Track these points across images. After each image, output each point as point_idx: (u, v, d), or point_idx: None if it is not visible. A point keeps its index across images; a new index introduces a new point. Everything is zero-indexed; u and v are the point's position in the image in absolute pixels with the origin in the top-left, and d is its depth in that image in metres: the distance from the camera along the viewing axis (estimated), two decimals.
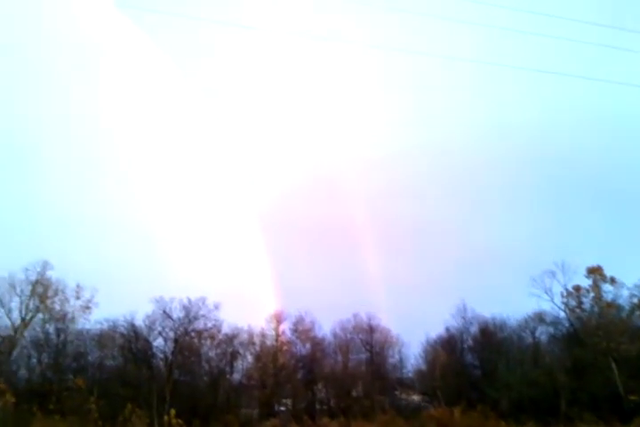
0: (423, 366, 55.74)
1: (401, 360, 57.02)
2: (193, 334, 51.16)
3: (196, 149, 76.25)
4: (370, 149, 76.32)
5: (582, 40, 28.47)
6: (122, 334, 50.36)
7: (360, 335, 56.35)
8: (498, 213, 76.25)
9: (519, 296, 57.50)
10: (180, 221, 71.62)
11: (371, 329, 56.01)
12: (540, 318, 54.54)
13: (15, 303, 48.03)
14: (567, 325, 54.05)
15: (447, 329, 54.42)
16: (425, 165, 79.75)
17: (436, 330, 55.04)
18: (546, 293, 52.06)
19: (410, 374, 58.41)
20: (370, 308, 56.65)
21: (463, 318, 54.35)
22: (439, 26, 54.46)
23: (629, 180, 72.82)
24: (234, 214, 69.21)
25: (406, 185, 79.45)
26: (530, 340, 55.73)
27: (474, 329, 54.88)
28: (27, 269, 48.35)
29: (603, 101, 70.89)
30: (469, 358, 55.45)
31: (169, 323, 50.16)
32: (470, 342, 55.16)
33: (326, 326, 56.45)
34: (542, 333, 55.91)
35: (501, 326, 55.25)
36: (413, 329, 56.25)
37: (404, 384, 57.03)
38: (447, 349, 53.70)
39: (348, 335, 56.25)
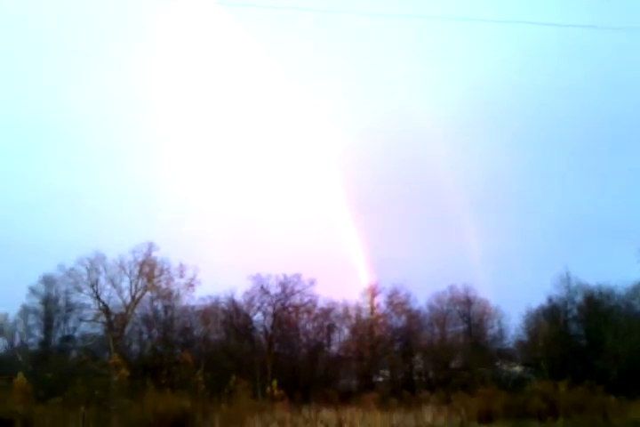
0: (524, 337, 54.08)
1: (500, 331, 55.66)
2: (290, 308, 52.53)
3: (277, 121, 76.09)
4: (461, 99, 72.92)
5: None
6: (223, 310, 52.65)
7: (457, 307, 55.49)
8: (603, 176, 71.86)
9: (628, 264, 54.21)
10: (270, 200, 72.73)
11: (468, 301, 54.93)
12: None
13: (125, 283, 50.80)
14: None
15: (549, 299, 52.19)
16: (524, 119, 75.75)
17: (538, 300, 52.90)
18: None
19: (510, 346, 57.00)
20: (466, 279, 55.66)
21: (567, 287, 51.91)
22: None
23: None
24: (322, 186, 69.13)
25: (504, 144, 76.29)
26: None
27: (578, 299, 52.36)
28: (134, 251, 50.79)
29: None
30: (574, 328, 53.09)
31: (267, 299, 51.84)
32: (575, 311, 52.77)
33: (421, 298, 56.15)
34: None
35: (608, 294, 52.31)
36: (513, 300, 54.62)
37: (505, 355, 55.69)
38: (550, 319, 51.57)
39: (445, 307, 55.57)
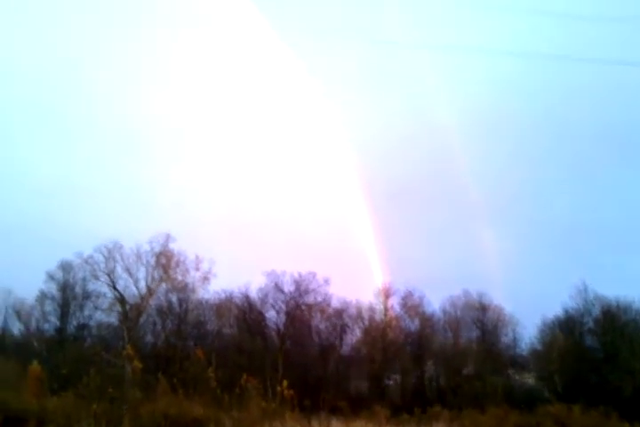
0: (539, 347, 53.59)
1: (515, 340, 55.25)
2: (304, 307, 52.54)
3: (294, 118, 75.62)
4: (475, 100, 72.08)
5: None
6: (237, 306, 52.85)
7: (471, 313, 55.08)
8: (624, 186, 70.74)
9: None
10: (286, 196, 72.44)
11: (482, 307, 54.48)
12: None
13: (141, 273, 51.00)
14: None
15: (565, 310, 51.58)
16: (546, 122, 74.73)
17: (553, 310, 52.29)
18: None
19: (524, 353, 56.64)
20: (481, 284, 55.19)
21: (584, 299, 51.20)
22: None
23: None
24: (339, 185, 68.77)
25: (520, 148, 75.60)
26: None
27: (595, 311, 51.57)
28: (151, 242, 50.87)
29: None
30: (589, 341, 52.40)
31: (280, 296, 51.91)
32: (591, 324, 52.05)
33: (435, 301, 55.82)
34: None
35: (626, 308, 51.36)
36: (528, 308, 54.17)
37: (518, 364, 55.38)
38: (565, 331, 51.06)
39: (459, 312, 55.21)
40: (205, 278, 52.20)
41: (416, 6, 67.89)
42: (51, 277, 53.56)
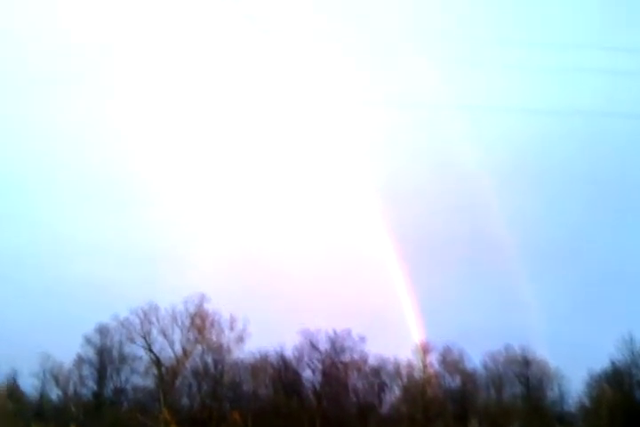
0: (587, 402, 51.30)
1: (561, 395, 52.98)
2: (340, 365, 51.70)
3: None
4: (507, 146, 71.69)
5: None
6: (272, 366, 52.27)
7: (514, 368, 53.29)
8: None
9: None
10: (318, 254, 72.22)
11: (525, 361, 52.74)
12: None
13: (177, 335, 51.03)
14: None
15: (613, 363, 49.70)
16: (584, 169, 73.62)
17: (600, 362, 50.35)
18: None
19: (571, 410, 54.14)
20: (523, 337, 53.44)
21: (630, 350, 49.33)
22: None
23: None
24: (373, 241, 68.56)
25: (557, 195, 74.53)
26: None
27: None
28: (186, 302, 51.02)
29: None
30: (639, 394, 50.11)
31: (316, 354, 51.38)
32: None
33: (475, 356, 54.16)
34: None
35: None
36: (573, 361, 52.11)
37: (566, 421, 52.84)
38: (614, 384, 48.94)
39: (501, 368, 53.43)
40: (240, 338, 51.89)
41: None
42: (88, 340, 54.02)
